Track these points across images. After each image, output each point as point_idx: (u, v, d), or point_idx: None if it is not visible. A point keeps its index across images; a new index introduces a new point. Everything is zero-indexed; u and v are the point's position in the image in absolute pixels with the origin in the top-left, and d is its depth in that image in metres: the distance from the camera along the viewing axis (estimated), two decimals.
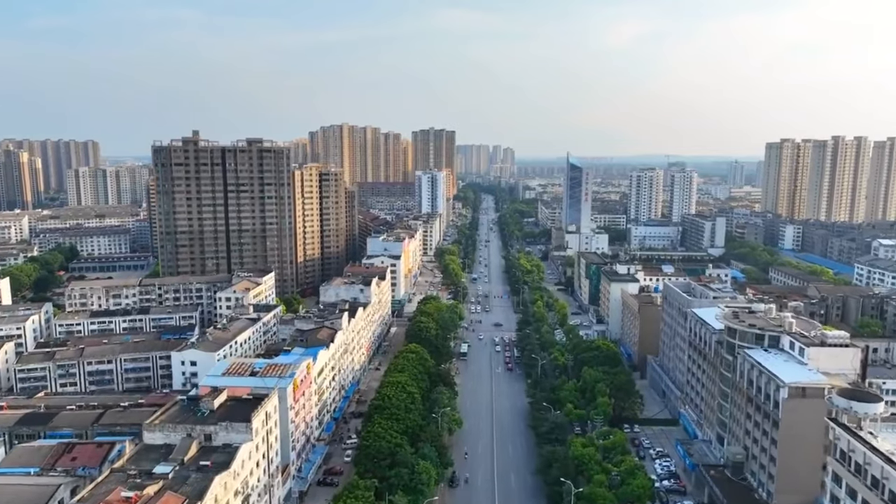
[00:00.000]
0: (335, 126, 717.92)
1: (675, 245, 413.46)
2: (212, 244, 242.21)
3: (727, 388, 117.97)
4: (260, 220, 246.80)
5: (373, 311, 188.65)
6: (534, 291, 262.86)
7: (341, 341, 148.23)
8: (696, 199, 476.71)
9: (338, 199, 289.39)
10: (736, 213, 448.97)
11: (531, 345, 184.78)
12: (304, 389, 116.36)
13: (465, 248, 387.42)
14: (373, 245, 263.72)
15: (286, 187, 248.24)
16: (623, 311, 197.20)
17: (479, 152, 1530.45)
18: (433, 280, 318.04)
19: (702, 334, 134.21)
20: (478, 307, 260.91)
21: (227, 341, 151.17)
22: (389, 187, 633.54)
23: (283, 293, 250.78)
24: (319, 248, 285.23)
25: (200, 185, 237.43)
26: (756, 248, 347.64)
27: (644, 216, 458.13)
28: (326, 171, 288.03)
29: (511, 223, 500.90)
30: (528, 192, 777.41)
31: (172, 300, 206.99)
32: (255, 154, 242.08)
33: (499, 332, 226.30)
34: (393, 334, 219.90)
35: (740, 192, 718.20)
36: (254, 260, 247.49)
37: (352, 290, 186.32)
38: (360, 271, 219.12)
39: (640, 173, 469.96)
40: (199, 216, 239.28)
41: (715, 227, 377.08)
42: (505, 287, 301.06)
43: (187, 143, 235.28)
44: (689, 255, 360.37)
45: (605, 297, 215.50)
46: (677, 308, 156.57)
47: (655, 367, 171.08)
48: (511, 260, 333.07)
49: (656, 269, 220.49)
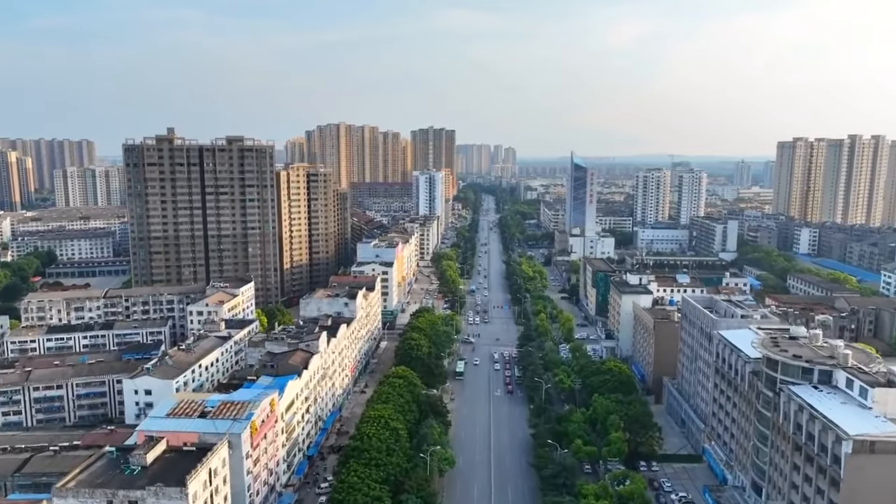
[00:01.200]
0: (332, 125, 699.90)
1: (683, 249, 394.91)
2: (189, 251, 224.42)
3: (766, 428, 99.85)
4: (241, 224, 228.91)
5: (358, 326, 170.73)
6: (536, 301, 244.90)
7: (318, 366, 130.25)
8: (704, 200, 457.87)
9: (327, 201, 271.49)
10: (747, 216, 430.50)
11: (533, 364, 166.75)
12: (265, 431, 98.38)
13: (463, 253, 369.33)
14: (363, 251, 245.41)
15: (269, 189, 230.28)
16: (635, 326, 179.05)
17: (481, 152, 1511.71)
18: (429, 287, 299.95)
19: (732, 361, 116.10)
20: (476, 318, 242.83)
21: (189, 365, 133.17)
22: (387, 188, 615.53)
23: (266, 303, 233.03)
24: (307, 253, 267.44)
25: (176, 186, 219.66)
26: (771, 253, 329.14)
27: (651, 218, 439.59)
28: (315, 171, 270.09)
29: (512, 225, 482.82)
30: (529, 192, 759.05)
31: (141, 313, 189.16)
32: (235, 153, 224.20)
33: (498, 346, 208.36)
34: (383, 350, 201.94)
35: (748, 192, 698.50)
36: (234, 267, 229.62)
37: (335, 303, 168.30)
38: (346, 281, 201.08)
39: (647, 174, 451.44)
40: (175, 220, 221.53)
41: (727, 231, 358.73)
42: (505, 295, 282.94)
43: (161, 142, 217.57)
44: (700, 259, 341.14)
45: (614, 310, 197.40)
46: (699, 327, 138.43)
47: (673, 391, 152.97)
48: (512, 265, 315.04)
49: (670, 279, 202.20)
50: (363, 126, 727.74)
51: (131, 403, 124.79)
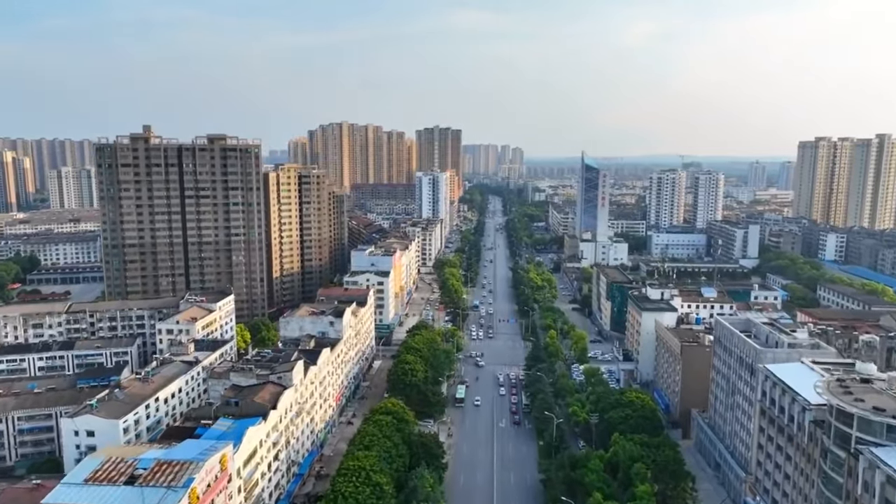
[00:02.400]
0: (334, 124, 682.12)
1: (700, 254, 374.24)
2: (167, 259, 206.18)
3: (836, 497, 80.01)
4: (224, 230, 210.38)
5: (346, 348, 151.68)
6: (545, 314, 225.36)
7: (291, 402, 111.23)
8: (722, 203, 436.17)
9: (320, 205, 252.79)
10: (766, 219, 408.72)
11: (543, 392, 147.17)
12: (212, 497, 79.38)
13: (468, 258, 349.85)
14: (357, 259, 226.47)
15: (255, 192, 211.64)
16: (658, 348, 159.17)
17: (488, 152, 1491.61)
18: (430, 297, 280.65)
19: (784, 405, 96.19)
20: (480, 332, 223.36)
21: (144, 398, 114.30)
22: (390, 189, 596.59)
23: (252, 315, 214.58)
24: (299, 260, 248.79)
25: (153, 189, 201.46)
26: (796, 261, 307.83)
27: (665, 222, 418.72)
28: (307, 172, 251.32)
29: (520, 228, 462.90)
30: (537, 193, 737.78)
31: (108, 330, 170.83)
32: (217, 153, 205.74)
33: (504, 366, 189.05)
34: (376, 370, 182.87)
35: (765, 194, 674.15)
36: (217, 277, 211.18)
37: (319, 322, 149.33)
38: (336, 294, 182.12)
39: (661, 175, 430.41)
40: (152, 226, 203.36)
41: (748, 236, 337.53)
42: (512, 305, 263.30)
43: (136, 141, 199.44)
44: (720, 266, 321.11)
45: (633, 328, 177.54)
46: (737, 357, 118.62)
47: (704, 426, 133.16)
48: (519, 273, 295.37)
49: (695, 294, 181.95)
50: (366, 125, 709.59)
51: (71, 447, 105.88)
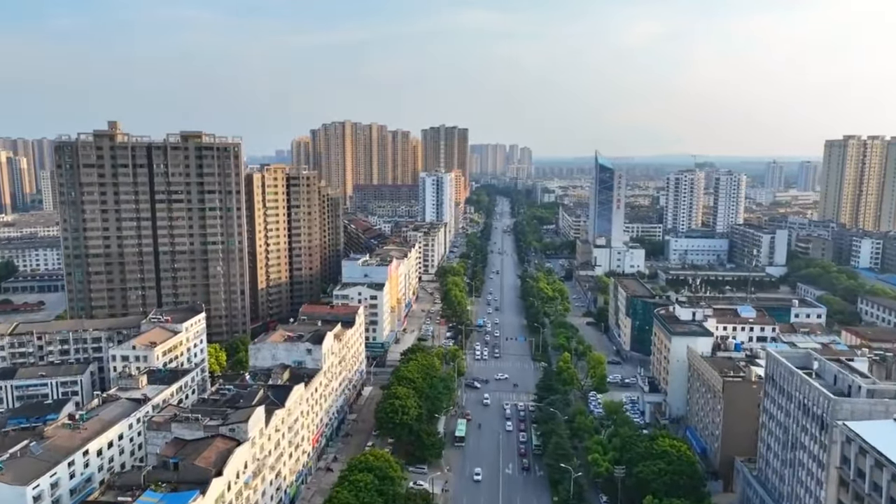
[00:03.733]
0: (336, 123, 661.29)
1: (722, 261, 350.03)
2: (136, 271, 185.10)
3: None
4: (200, 237, 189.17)
5: (327, 380, 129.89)
6: (557, 330, 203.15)
7: (246, 461, 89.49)
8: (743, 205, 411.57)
9: (311, 209, 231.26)
10: (791, 223, 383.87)
11: (558, 434, 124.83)
12: None
13: (473, 264, 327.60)
14: (349, 270, 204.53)
15: (235, 195, 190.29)
16: (692, 379, 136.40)
17: (496, 152, 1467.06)
18: (432, 308, 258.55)
19: (882, 483, 73.39)
20: (484, 351, 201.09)
21: (69, 452, 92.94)
22: (393, 190, 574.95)
23: (231, 332, 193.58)
24: (287, 270, 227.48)
25: (119, 192, 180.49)
26: (829, 269, 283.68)
27: (683, 225, 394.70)
28: (296, 173, 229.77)
29: (528, 232, 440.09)
30: (547, 194, 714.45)
31: (59, 354, 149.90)
32: (191, 152, 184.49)
33: (511, 392, 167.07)
34: (366, 398, 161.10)
35: (785, 195, 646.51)
36: (192, 290, 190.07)
37: (295, 350, 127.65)
38: (319, 313, 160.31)
39: (678, 175, 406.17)
40: (119, 234, 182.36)
41: (775, 241, 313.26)
42: (520, 319, 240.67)
43: (100, 138, 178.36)
44: (745, 275, 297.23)
45: (660, 353, 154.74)
46: (799, 403, 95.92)
47: (752, 480, 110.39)
48: (528, 282, 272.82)
49: (731, 314, 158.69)
50: (370, 124, 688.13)
51: None
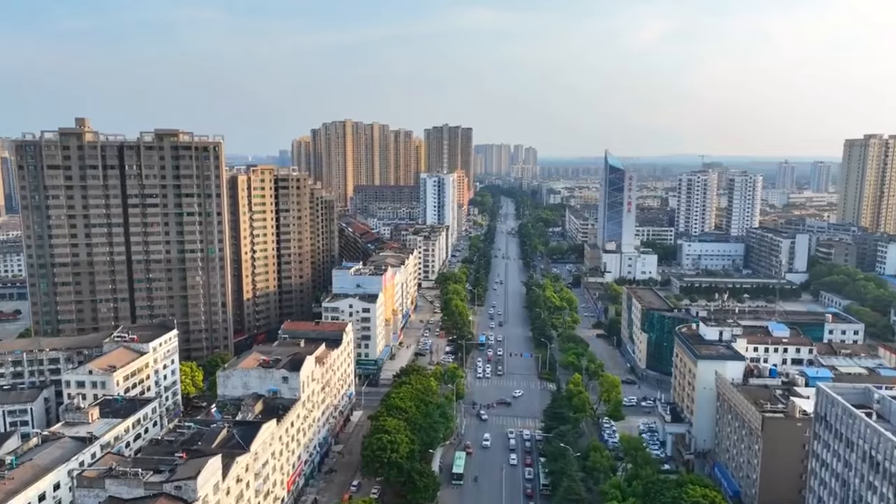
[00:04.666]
0: (337, 122, 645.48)
1: (738, 266, 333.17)
2: (107, 281, 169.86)
3: None
4: (177, 245, 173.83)
5: (306, 412, 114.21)
6: (566, 346, 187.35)
7: None
8: (759, 208, 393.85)
9: (301, 213, 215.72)
10: (809, 226, 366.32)
11: (569, 475, 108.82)
12: None
13: (476, 270, 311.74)
14: (340, 280, 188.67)
15: (216, 199, 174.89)
16: (721, 410, 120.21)
17: (500, 152, 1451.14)
18: (431, 319, 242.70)
19: None
20: (487, 369, 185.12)
21: None
22: (395, 191, 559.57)
23: (212, 348, 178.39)
24: (276, 278, 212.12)
25: (88, 196, 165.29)
26: (854, 276, 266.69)
27: (696, 229, 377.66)
28: (285, 175, 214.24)
29: (534, 235, 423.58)
30: (552, 196, 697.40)
31: (11, 377, 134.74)
32: (167, 152, 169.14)
33: (516, 417, 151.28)
34: (355, 425, 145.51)
35: (799, 197, 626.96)
36: (169, 302, 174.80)
37: (269, 377, 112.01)
38: (303, 330, 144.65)
39: (691, 176, 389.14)
40: (87, 241, 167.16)
41: (795, 247, 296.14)
42: (525, 331, 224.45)
43: (67, 137, 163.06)
44: (764, 282, 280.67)
45: (683, 377, 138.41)
46: (863, 452, 79.77)
47: None
48: (534, 290, 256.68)
49: (762, 334, 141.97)
50: (372, 124, 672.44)
51: None
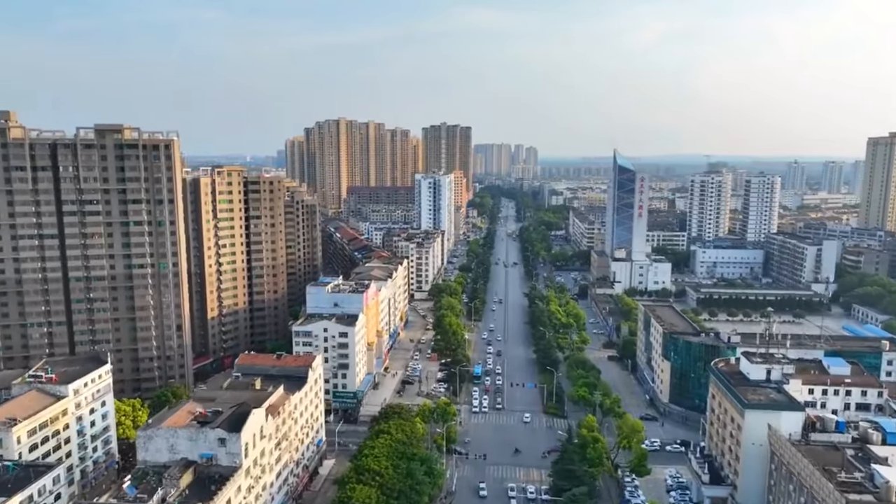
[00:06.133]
0: (331, 121, 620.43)
1: (757, 275, 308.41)
2: (39, 302, 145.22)
3: None
4: (123, 259, 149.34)
5: (252, 480, 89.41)
6: (574, 372, 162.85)
7: None
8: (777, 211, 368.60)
9: (275, 219, 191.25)
10: (832, 231, 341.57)
11: None
12: None
13: (474, 280, 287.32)
14: (315, 298, 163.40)
15: (169, 205, 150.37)
16: (777, 475, 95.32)
17: (500, 152, 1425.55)
18: (423, 337, 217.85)
19: None
20: (483, 401, 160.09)
21: None
22: (390, 193, 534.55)
23: (165, 378, 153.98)
24: (246, 294, 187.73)
25: (14, 202, 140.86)
26: (891, 288, 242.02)
27: (710, 233, 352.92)
28: (256, 178, 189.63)
29: (536, 239, 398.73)
30: (554, 197, 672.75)
31: None
32: (110, 151, 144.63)
33: (519, 467, 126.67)
34: (323, 480, 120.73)
35: (814, 198, 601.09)
36: (114, 326, 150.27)
37: (202, 439, 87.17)
38: (261, 365, 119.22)
39: (704, 178, 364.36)
40: (15, 255, 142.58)
41: (822, 255, 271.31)
42: (528, 351, 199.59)
43: None
44: (789, 294, 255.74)
45: (723, 426, 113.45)
46: None
47: None
48: (537, 305, 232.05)
49: (817, 372, 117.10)
50: (367, 122, 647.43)
51: None
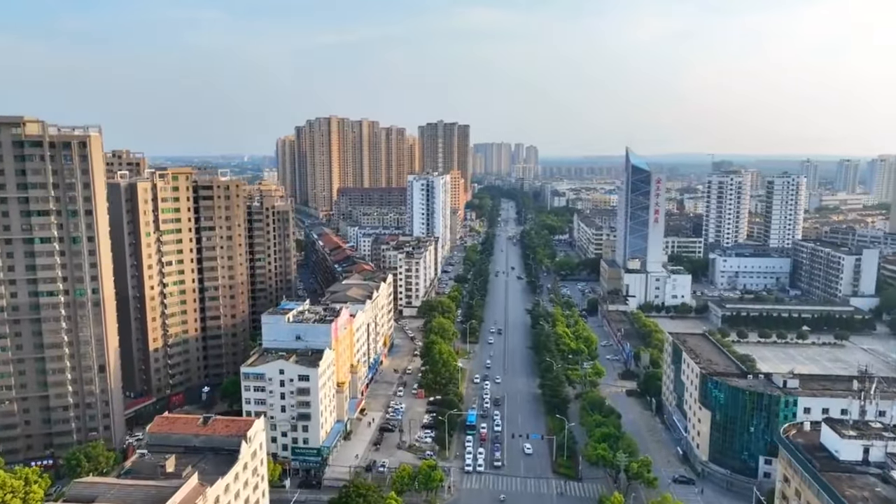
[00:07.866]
0: (322, 119, 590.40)
1: (783, 286, 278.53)
2: None
3: None
4: (27, 285, 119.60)
5: None
6: (589, 420, 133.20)
7: None
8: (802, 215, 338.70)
9: (232, 231, 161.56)
10: (862, 236, 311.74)
11: None
12: None
13: (470, 294, 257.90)
14: (272, 329, 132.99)
15: (85, 216, 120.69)
16: None
17: (500, 151, 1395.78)
18: (409, 366, 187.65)
19: None
20: (480, 459, 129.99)
21: None
22: (383, 194, 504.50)
23: (86, 430, 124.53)
24: (198, 320, 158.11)
25: None
26: None
27: (729, 239, 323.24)
28: (208, 182, 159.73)
29: (539, 245, 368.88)
30: (556, 198, 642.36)
31: None
32: (6, 150, 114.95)
33: None
34: None
35: (832, 200, 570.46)
36: (17, 367, 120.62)
37: None
38: (179, 434, 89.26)
39: (722, 178, 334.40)
40: None
41: (861, 265, 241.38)
42: (531, 385, 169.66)
43: None
44: (826, 310, 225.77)
45: None
46: None
47: None
48: (541, 326, 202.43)
49: None
50: (361, 121, 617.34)
51: None
